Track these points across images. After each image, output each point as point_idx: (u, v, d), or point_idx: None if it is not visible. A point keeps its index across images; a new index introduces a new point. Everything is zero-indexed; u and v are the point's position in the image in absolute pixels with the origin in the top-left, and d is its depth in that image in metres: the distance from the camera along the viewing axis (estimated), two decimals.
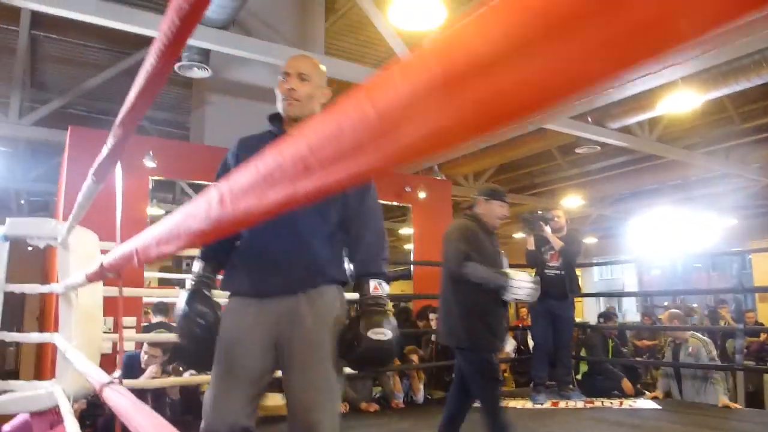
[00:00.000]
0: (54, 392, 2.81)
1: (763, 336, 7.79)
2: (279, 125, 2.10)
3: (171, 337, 4.29)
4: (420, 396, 5.45)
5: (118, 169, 1.68)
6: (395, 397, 5.27)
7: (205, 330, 1.83)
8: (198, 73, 6.06)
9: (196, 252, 2.17)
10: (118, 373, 1.55)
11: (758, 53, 5.96)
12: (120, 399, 1.35)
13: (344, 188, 0.46)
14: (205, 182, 6.88)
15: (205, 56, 6.02)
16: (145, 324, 5.89)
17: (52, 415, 2.96)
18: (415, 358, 5.44)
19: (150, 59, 1.13)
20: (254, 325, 1.84)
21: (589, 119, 7.44)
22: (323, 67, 2.11)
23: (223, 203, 0.66)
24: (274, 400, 4.85)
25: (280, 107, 2.04)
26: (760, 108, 8.98)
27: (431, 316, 5.84)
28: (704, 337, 5.17)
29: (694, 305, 12.22)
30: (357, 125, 0.40)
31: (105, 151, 1.72)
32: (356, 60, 9.23)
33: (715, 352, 5.11)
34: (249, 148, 2.09)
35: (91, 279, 1.95)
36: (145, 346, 4.28)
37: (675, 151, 9.04)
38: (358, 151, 0.40)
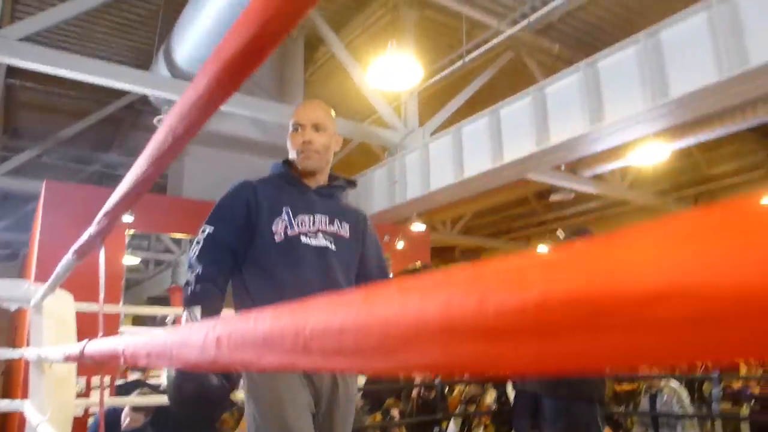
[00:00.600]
0: None
1: (738, 383, 7.85)
2: (289, 172, 1.93)
3: (155, 400, 4.22)
4: None
5: (102, 254, 1.68)
6: None
7: (209, 393, 1.60)
8: None
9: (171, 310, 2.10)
10: None
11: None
12: None
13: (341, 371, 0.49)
14: (184, 235, 6.85)
15: None
16: (120, 382, 5.73)
17: None
18: (395, 412, 5.38)
19: (141, 163, 1.17)
20: (301, 386, 1.71)
21: (563, 168, 7.62)
22: (333, 112, 2.01)
23: (219, 346, 0.69)
24: None
25: (295, 159, 1.90)
26: (726, 154, 9.29)
27: None
28: (677, 386, 5.21)
29: None
30: (359, 334, 0.43)
31: (87, 234, 1.73)
32: (334, 110, 9.37)
33: (686, 400, 5.12)
34: (271, 197, 1.87)
35: (69, 360, 1.92)
36: (127, 409, 4.17)
37: (645, 197, 9.26)
38: (357, 353, 0.44)
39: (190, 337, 0.80)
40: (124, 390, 5.08)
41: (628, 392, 8.78)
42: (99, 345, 1.49)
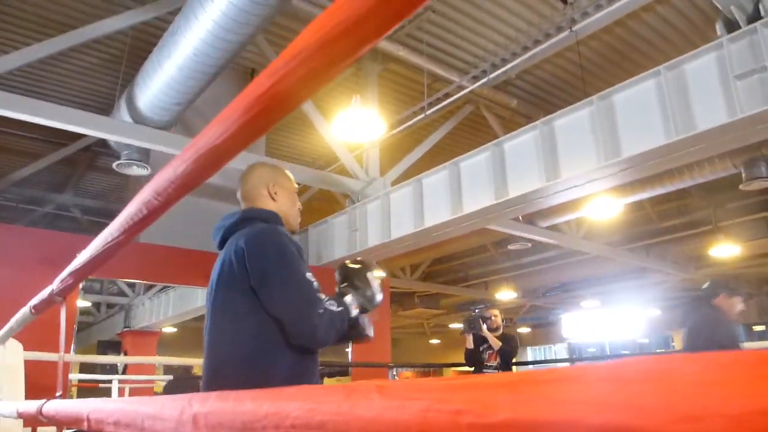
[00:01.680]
0: None
1: None
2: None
3: None
4: None
5: (63, 311, 1.67)
6: None
7: None
8: (137, 170, 6.05)
9: (121, 359, 2.10)
10: None
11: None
12: None
13: None
14: (140, 281, 6.72)
15: (145, 155, 6.05)
16: None
17: None
18: None
19: (112, 230, 1.19)
20: None
21: (521, 218, 7.82)
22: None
23: (196, 425, 0.71)
24: None
25: (291, 218, 2.01)
26: (675, 207, 9.70)
27: None
28: None
29: None
30: (340, 430, 0.47)
31: (48, 290, 1.72)
32: (295, 157, 9.46)
33: None
34: None
35: (23, 417, 1.87)
36: None
37: (599, 248, 9.54)
38: None
39: (164, 410, 0.82)
40: None
41: None
42: (59, 406, 1.46)
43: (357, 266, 1.96)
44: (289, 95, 0.63)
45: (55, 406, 1.47)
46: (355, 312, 1.80)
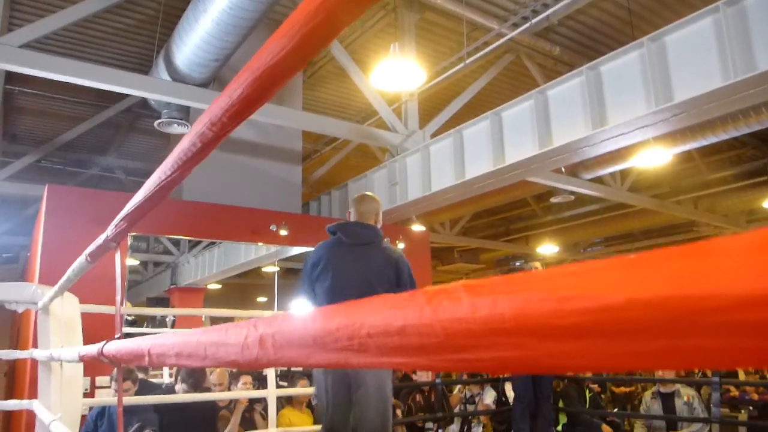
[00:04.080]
0: None
1: (734, 390, 7.88)
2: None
3: (160, 399, 4.26)
4: None
5: (117, 256, 1.69)
6: None
7: None
8: (178, 129, 6.11)
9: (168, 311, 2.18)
10: None
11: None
12: None
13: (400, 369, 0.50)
14: (183, 237, 6.86)
15: (185, 113, 6.09)
16: None
17: None
18: (398, 412, 5.40)
19: (165, 168, 1.18)
20: None
21: (564, 170, 7.64)
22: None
23: (263, 346, 0.70)
24: None
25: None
26: (726, 159, 9.33)
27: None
28: (692, 389, 5.22)
29: None
30: (423, 333, 0.45)
31: (103, 237, 1.74)
32: (333, 111, 9.40)
33: (700, 404, 5.10)
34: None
35: (84, 360, 1.94)
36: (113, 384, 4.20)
37: (645, 200, 9.29)
38: (418, 351, 0.45)
39: (228, 336, 0.82)
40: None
41: (626, 394, 8.83)
42: (119, 344, 1.50)
43: None
44: None
45: (115, 345, 1.50)
46: None
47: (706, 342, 0.28)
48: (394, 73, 5.32)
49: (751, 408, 7.26)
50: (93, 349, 1.76)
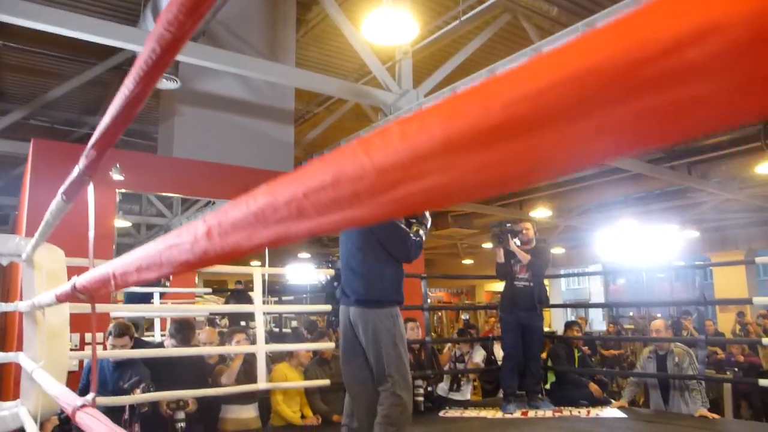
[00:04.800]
0: (19, 413, 2.73)
1: (721, 353, 8.00)
2: None
3: (153, 352, 4.28)
4: None
5: (90, 190, 1.65)
6: None
7: None
8: (167, 84, 6.00)
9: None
10: (91, 395, 1.52)
11: None
12: (94, 423, 1.33)
13: (338, 230, 0.47)
14: (174, 195, 6.81)
15: (174, 67, 5.98)
16: None
17: None
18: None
19: (128, 84, 1.13)
20: None
21: None
22: None
23: (210, 237, 0.67)
24: (248, 413, 4.81)
25: None
26: None
27: (410, 324, 5.84)
28: (686, 347, 5.26)
29: (658, 315, 12.48)
30: (355, 178, 0.41)
31: (76, 171, 1.70)
32: (326, 71, 9.26)
33: (696, 363, 5.15)
34: None
35: (61, 300, 1.91)
36: (110, 340, 4.22)
37: (639, 165, 9.25)
38: (354, 201, 0.42)
39: (179, 237, 0.78)
40: None
41: (615, 356, 8.95)
42: (88, 276, 1.47)
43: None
44: None
45: (85, 277, 1.47)
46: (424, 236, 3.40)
47: (640, 104, 0.25)
48: (387, 24, 5.20)
49: (736, 369, 7.39)
50: (67, 286, 1.74)
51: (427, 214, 3.53)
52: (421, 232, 3.43)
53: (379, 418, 3.15)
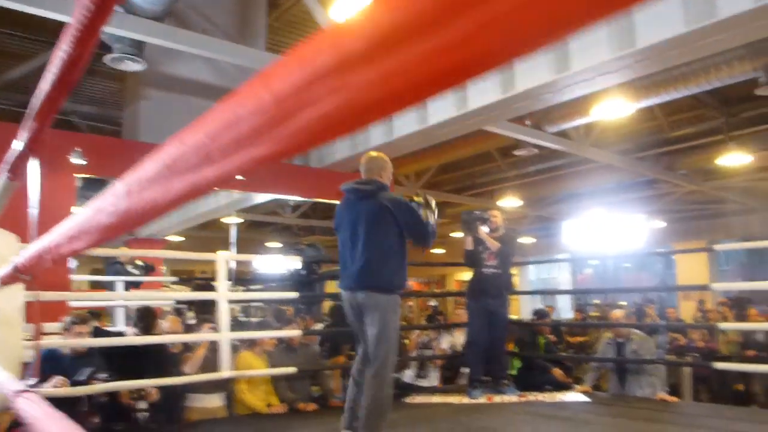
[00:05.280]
0: None
1: (682, 339, 8.20)
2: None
3: (113, 341, 4.18)
4: None
5: (34, 166, 1.58)
6: (333, 396, 5.25)
7: None
8: (131, 65, 5.84)
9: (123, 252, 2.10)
10: (32, 381, 1.46)
11: (686, 65, 6.24)
12: (34, 409, 1.28)
13: (245, 174, 0.44)
14: None
15: (138, 48, 5.82)
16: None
17: None
18: (341, 358, 5.45)
19: (63, 46, 1.08)
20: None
21: (528, 122, 7.62)
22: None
23: (129, 194, 0.63)
24: (213, 402, 4.75)
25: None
26: (688, 118, 9.42)
27: None
28: (644, 334, 5.38)
29: (623, 303, 12.72)
30: (254, 111, 0.38)
31: (18, 145, 1.63)
32: None
33: (653, 348, 5.28)
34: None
35: (4, 282, 1.84)
36: (69, 326, 4.11)
37: (608, 156, 9.37)
38: (256, 137, 0.39)
39: (104, 200, 0.74)
40: None
41: (580, 343, 9.09)
42: (27, 253, 1.41)
43: (427, 195, 3.54)
44: None
45: (24, 255, 1.41)
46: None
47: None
48: (357, 6, 5.14)
49: (696, 354, 7.56)
50: (9, 267, 1.68)
51: (433, 202, 3.53)
52: (431, 219, 3.47)
53: (368, 399, 3.31)
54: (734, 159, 9.21)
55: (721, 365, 5.69)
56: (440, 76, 0.27)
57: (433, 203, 3.57)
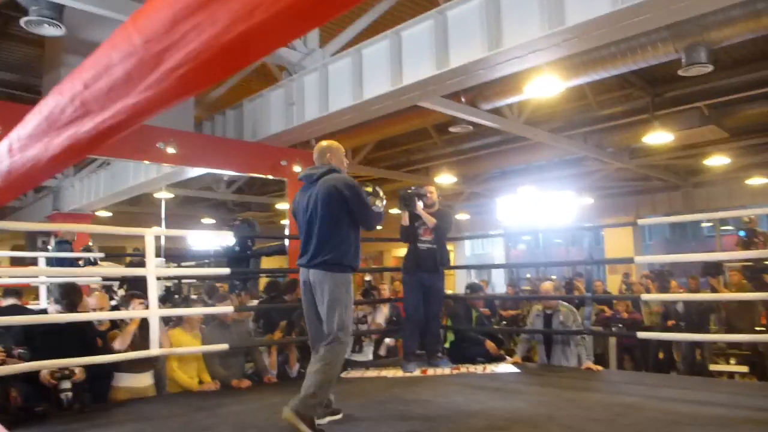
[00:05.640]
0: None
1: (609, 311, 8.58)
2: None
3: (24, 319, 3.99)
4: (294, 370, 5.43)
5: None
6: (268, 372, 5.22)
7: None
8: (49, 30, 5.51)
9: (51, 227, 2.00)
10: None
11: (614, 45, 6.43)
12: None
13: (126, 130, 0.41)
14: None
15: (57, 12, 5.49)
16: None
17: None
18: (277, 333, 5.41)
19: None
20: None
21: (463, 99, 7.69)
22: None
23: (12, 152, 0.59)
24: (142, 381, 4.62)
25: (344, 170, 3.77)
26: (616, 98, 9.74)
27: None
28: (571, 306, 5.58)
29: (553, 277, 13.19)
30: (125, 55, 0.35)
31: None
32: None
33: (580, 320, 5.50)
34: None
35: None
36: None
37: (540, 134, 9.60)
38: (129, 83, 0.36)
39: None
40: None
41: (513, 317, 9.38)
42: None
43: (376, 187, 3.76)
44: None
45: None
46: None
47: None
48: None
49: (620, 325, 7.94)
50: None
51: (381, 191, 3.78)
52: (378, 203, 3.70)
53: (317, 365, 3.45)
54: (658, 138, 9.60)
55: (643, 335, 5.99)
56: (306, 8, 0.25)
57: (381, 192, 3.80)
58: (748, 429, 3.06)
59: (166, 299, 6.03)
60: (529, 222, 13.59)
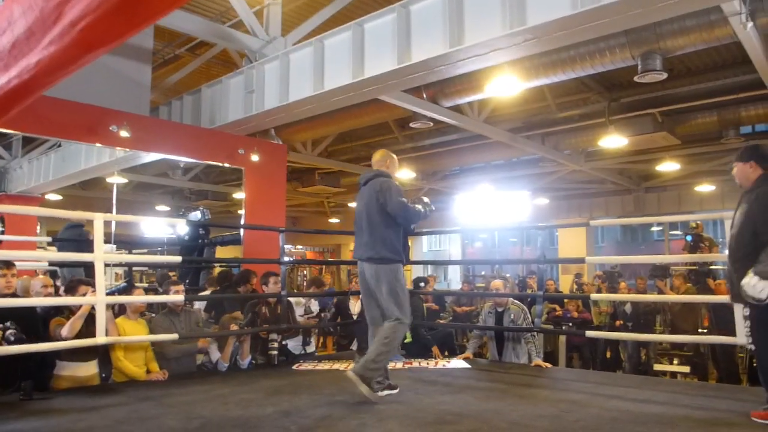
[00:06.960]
0: None
1: (559, 310, 8.76)
2: None
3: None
4: (246, 362, 5.36)
5: None
6: (219, 365, 5.16)
7: None
8: None
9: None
10: None
11: (573, 48, 6.52)
12: None
13: (32, 94, 0.38)
14: (13, 132, 6.11)
15: None
16: None
17: None
18: (233, 325, 5.34)
19: None
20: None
21: (425, 95, 7.70)
22: None
23: None
24: (86, 370, 4.49)
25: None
26: (574, 101, 9.92)
27: (272, 279, 5.73)
28: (522, 305, 5.67)
29: (507, 275, 13.39)
30: (26, 9, 0.33)
31: None
32: (190, 9, 8.67)
33: (530, 318, 5.60)
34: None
35: None
36: None
37: (499, 133, 9.70)
38: (32, 39, 0.33)
39: None
40: None
41: (466, 313, 9.48)
42: None
43: (426, 199, 4.31)
44: None
45: None
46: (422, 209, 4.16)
47: None
48: None
49: (570, 324, 8.12)
50: None
51: (425, 198, 4.31)
52: (418, 206, 4.15)
53: (380, 337, 3.95)
54: (613, 141, 9.81)
55: (592, 334, 6.13)
56: None
57: (425, 199, 4.34)
58: (686, 427, 3.16)
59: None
60: (485, 219, 13.75)
